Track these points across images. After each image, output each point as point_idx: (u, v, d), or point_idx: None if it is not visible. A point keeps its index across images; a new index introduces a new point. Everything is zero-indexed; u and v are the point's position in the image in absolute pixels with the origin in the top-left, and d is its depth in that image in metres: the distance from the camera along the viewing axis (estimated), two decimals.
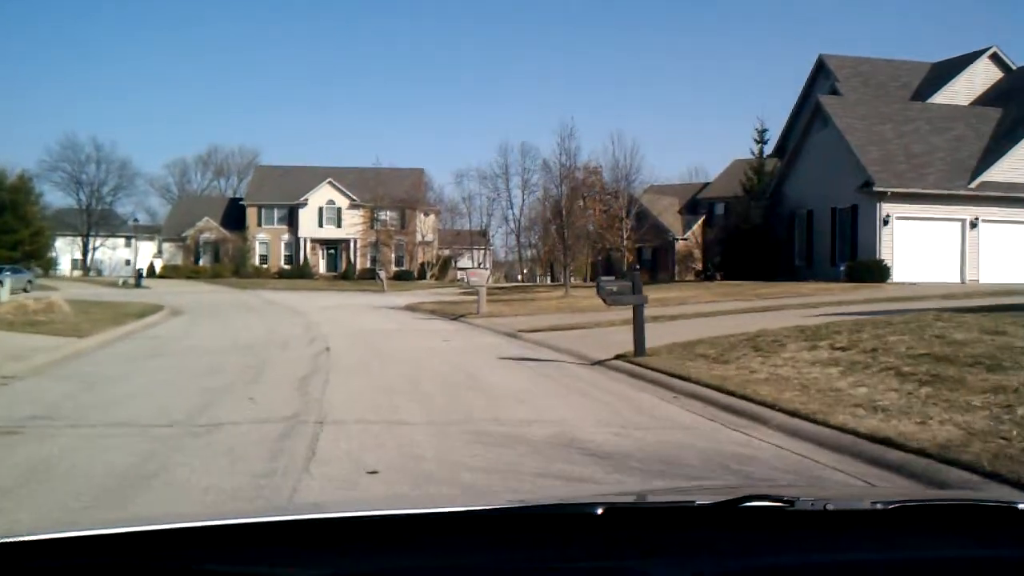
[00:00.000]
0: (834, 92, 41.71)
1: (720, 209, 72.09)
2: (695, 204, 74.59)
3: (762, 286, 33.56)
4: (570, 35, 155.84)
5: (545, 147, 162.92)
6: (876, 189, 34.01)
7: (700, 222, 71.99)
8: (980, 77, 42.26)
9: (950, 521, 1.76)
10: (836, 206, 36.73)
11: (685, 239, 71.15)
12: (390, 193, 77.59)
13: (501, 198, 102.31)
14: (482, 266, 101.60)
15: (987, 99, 41.05)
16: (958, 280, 34.73)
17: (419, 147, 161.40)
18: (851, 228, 35.92)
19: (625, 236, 59.43)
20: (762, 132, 57.31)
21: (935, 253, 34.75)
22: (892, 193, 34.13)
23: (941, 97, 41.20)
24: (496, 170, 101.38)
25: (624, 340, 16.22)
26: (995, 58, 42.48)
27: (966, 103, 40.82)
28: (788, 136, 47.44)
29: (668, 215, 71.48)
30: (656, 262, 70.71)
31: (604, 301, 15.25)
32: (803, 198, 39.12)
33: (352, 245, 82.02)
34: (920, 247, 34.54)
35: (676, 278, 66.41)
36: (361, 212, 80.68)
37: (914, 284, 32.15)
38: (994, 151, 35.62)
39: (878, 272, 33.59)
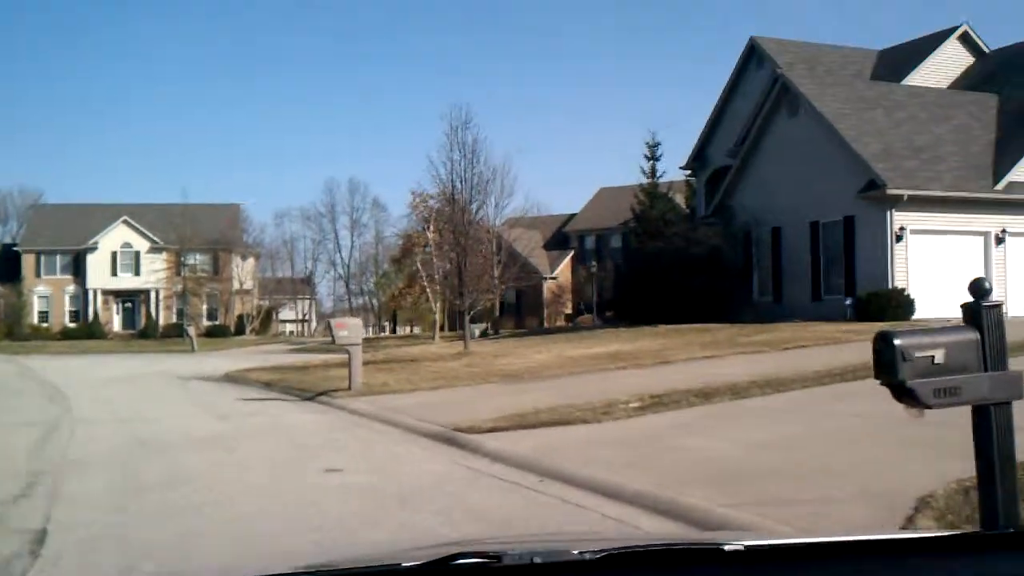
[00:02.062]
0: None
1: (591, 243, 63.53)
2: (561, 239, 65.34)
3: (738, 331, 23.63)
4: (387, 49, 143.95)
5: (378, 183, 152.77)
6: (889, 192, 24.62)
7: (569, 258, 62.84)
8: (951, 61, 34.16)
9: (662, 567, 1.72)
10: (820, 220, 27.24)
11: (555, 278, 61.35)
12: (201, 233, 64.46)
13: (327, 240, 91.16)
14: (305, 317, 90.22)
15: (963, 86, 32.91)
16: None
17: (234, 184, 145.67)
18: (846, 248, 26.44)
19: (496, 276, 49.51)
20: (654, 148, 48.76)
21: (953, 278, 25.52)
22: (908, 197, 24.88)
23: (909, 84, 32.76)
24: (321, 209, 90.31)
25: (718, 460, 8.60)
26: (965, 39, 34.44)
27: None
28: (707, 146, 38.17)
29: (536, 253, 61.42)
30: (521, 306, 60.69)
31: (915, 402, 4.40)
32: (764, 213, 29.28)
33: (154, 296, 67.99)
34: (937, 271, 25.37)
35: (545, 324, 57.21)
36: (165, 256, 66.99)
37: (947, 321, 23.01)
38: (1015, 144, 27.06)
39: (900, 306, 24.18)
